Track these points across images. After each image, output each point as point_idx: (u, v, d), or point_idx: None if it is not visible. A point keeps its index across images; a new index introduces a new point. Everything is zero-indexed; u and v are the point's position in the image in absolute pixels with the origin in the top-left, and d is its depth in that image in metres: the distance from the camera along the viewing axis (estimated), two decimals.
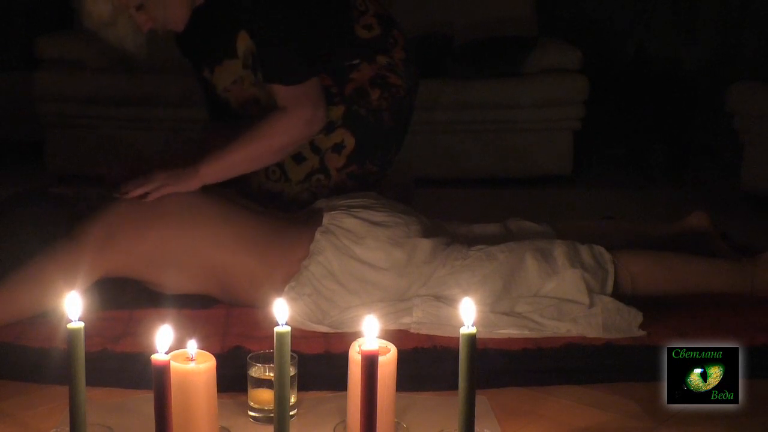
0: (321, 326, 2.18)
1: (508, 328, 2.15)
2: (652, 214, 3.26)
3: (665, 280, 2.28)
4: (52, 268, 2.09)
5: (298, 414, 1.81)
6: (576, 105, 4.12)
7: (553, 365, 2.03)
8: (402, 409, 1.78)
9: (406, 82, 2.57)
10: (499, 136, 4.12)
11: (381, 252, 2.21)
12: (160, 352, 1.46)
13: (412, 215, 2.34)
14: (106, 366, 1.95)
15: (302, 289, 2.19)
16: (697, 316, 2.28)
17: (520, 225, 2.52)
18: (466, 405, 1.53)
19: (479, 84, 4.06)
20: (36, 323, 2.12)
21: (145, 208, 2.20)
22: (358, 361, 1.56)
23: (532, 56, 4.12)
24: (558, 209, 3.56)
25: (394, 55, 2.56)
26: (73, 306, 1.51)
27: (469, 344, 1.52)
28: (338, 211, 2.28)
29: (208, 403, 1.60)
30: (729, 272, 2.31)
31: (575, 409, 1.87)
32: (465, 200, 3.67)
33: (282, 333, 1.49)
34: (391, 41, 2.57)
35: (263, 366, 1.80)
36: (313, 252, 2.21)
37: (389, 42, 2.56)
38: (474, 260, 2.22)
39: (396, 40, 2.58)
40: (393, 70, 2.54)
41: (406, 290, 2.22)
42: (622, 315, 2.16)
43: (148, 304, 2.26)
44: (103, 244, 2.13)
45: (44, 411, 1.82)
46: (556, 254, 2.23)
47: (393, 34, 2.58)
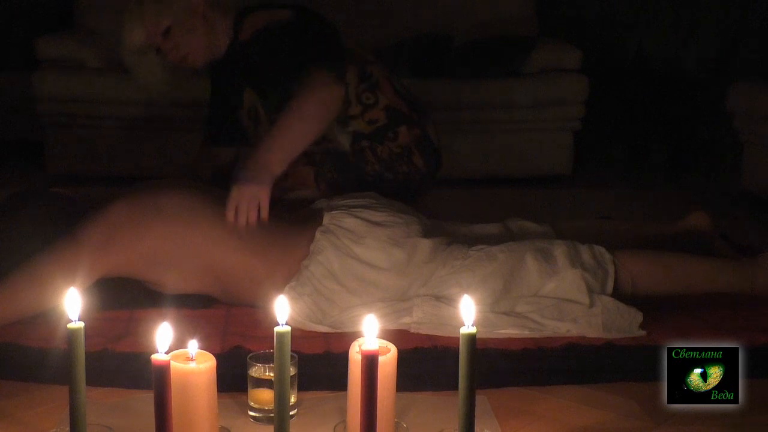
0: (321, 326, 2.18)
1: (508, 328, 2.15)
2: (652, 214, 3.26)
3: (665, 280, 2.28)
4: (53, 267, 2.09)
5: (298, 414, 1.81)
6: (576, 105, 4.12)
7: (553, 365, 2.02)
8: (402, 409, 1.78)
9: (380, 169, 2.58)
10: (499, 136, 4.13)
11: (381, 252, 2.21)
12: (160, 352, 1.46)
13: (412, 215, 2.34)
14: (106, 366, 1.95)
15: (302, 289, 2.19)
16: (697, 316, 2.28)
17: (520, 225, 2.52)
18: (466, 405, 1.53)
19: (479, 84, 4.06)
20: (36, 323, 2.12)
21: (145, 207, 2.20)
22: (358, 361, 1.56)
23: (532, 56, 4.12)
24: (558, 209, 3.56)
25: (385, 146, 2.57)
26: (73, 306, 1.51)
27: (469, 344, 1.52)
28: (338, 210, 2.28)
29: (208, 403, 1.60)
30: (729, 272, 2.31)
31: (575, 409, 1.87)
32: (465, 200, 3.67)
33: (282, 333, 1.49)
34: (391, 135, 2.58)
35: (263, 366, 1.80)
36: (313, 252, 2.22)
37: (388, 135, 2.58)
38: (474, 260, 2.22)
39: (397, 135, 2.58)
40: (373, 150, 2.57)
41: (406, 290, 2.22)
42: (622, 315, 2.16)
43: (148, 304, 2.26)
44: (104, 243, 2.13)
45: (44, 411, 1.81)
46: (557, 254, 2.23)
47: (397, 130, 2.59)
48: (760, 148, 3.65)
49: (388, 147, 2.53)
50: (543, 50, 4.16)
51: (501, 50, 4.13)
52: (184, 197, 2.25)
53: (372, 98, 2.56)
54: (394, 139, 2.54)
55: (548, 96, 4.09)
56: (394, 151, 2.53)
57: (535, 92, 4.07)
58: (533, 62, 4.12)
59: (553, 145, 4.15)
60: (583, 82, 4.09)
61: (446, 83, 4.06)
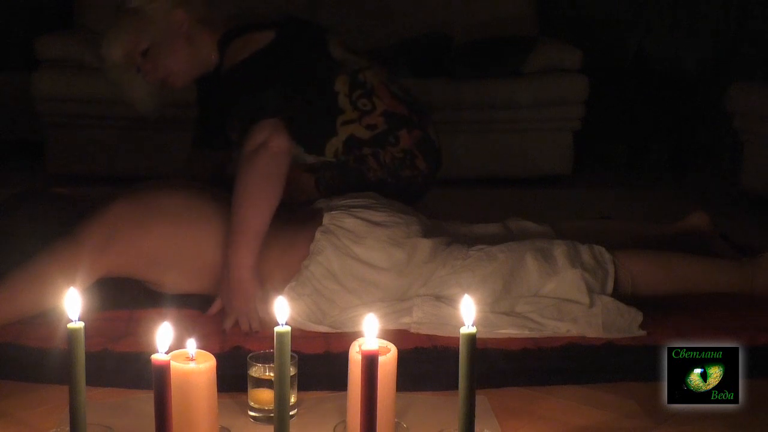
0: (321, 326, 2.18)
1: (508, 328, 2.15)
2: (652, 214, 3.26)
3: (665, 280, 2.28)
4: (53, 267, 2.09)
5: (298, 414, 1.81)
6: (576, 105, 4.12)
7: (553, 365, 2.03)
8: (402, 409, 1.78)
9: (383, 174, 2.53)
10: (499, 136, 4.12)
11: (381, 252, 2.21)
12: (160, 352, 1.46)
13: (412, 215, 2.34)
14: (106, 366, 1.95)
15: (302, 289, 2.19)
16: (697, 316, 2.29)
17: (520, 225, 2.52)
18: (466, 405, 1.53)
19: (479, 84, 4.06)
20: (36, 323, 2.12)
21: (145, 207, 2.20)
22: (358, 361, 1.56)
23: (532, 56, 4.12)
24: (558, 209, 3.56)
25: (387, 151, 2.52)
26: (73, 306, 1.51)
27: (469, 344, 1.52)
28: (338, 211, 2.28)
29: (208, 403, 1.60)
30: (729, 272, 2.31)
31: (575, 408, 1.87)
32: (465, 200, 3.67)
33: (282, 333, 1.49)
34: (392, 140, 2.52)
35: (263, 366, 1.80)
36: (313, 252, 2.22)
37: (389, 140, 2.52)
38: (474, 260, 2.22)
39: (398, 140, 2.53)
40: (376, 157, 2.52)
41: (406, 290, 2.22)
42: (622, 315, 2.16)
43: (148, 304, 2.26)
44: (104, 243, 2.13)
45: (44, 411, 1.81)
46: (557, 254, 2.23)
47: (398, 134, 2.53)
48: (760, 148, 3.65)
49: (390, 152, 2.51)
50: (543, 50, 4.15)
51: (501, 50, 4.13)
52: (184, 197, 2.25)
53: (369, 105, 2.52)
54: (396, 144, 2.52)
55: (548, 96, 4.08)
56: (396, 156, 2.51)
57: (535, 92, 4.07)
58: (533, 62, 4.12)
59: (553, 145, 4.15)
60: (583, 82, 4.08)
61: (446, 83, 4.06)
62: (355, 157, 2.50)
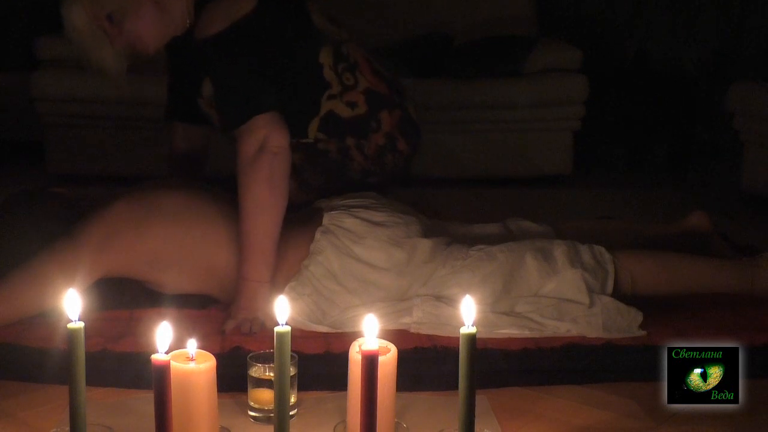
0: (321, 326, 2.18)
1: (508, 328, 2.15)
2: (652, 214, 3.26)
3: (665, 280, 2.28)
4: (53, 267, 2.09)
5: (298, 414, 1.81)
6: (576, 105, 4.12)
7: (553, 365, 2.02)
8: (402, 409, 1.78)
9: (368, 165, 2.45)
10: (498, 136, 4.12)
11: (381, 252, 2.21)
12: (160, 352, 1.46)
13: (412, 215, 2.34)
14: (106, 366, 1.95)
15: (302, 289, 2.19)
16: (697, 316, 2.28)
17: (520, 225, 2.52)
18: (466, 405, 1.53)
19: (479, 84, 4.06)
20: (36, 323, 2.12)
21: (145, 207, 2.20)
22: (358, 361, 1.56)
23: (532, 56, 4.12)
24: (558, 209, 3.56)
25: (371, 140, 2.43)
26: (73, 306, 1.51)
27: (469, 344, 1.52)
28: (338, 211, 2.28)
29: (208, 403, 1.60)
30: (729, 272, 2.31)
31: (575, 408, 1.87)
32: (465, 200, 3.67)
33: (282, 333, 1.49)
34: (374, 125, 2.42)
35: (263, 366, 1.80)
36: (313, 252, 2.21)
37: (371, 125, 2.42)
38: (474, 260, 2.22)
39: (380, 124, 2.42)
40: (360, 149, 2.43)
41: (406, 290, 2.22)
42: (622, 315, 2.16)
43: (148, 304, 2.26)
44: (103, 243, 2.13)
45: (44, 411, 1.81)
46: (556, 254, 2.23)
47: (379, 116, 2.43)
48: (760, 148, 3.65)
49: (374, 142, 2.43)
50: (543, 50, 4.15)
51: (501, 50, 4.13)
52: (184, 197, 2.25)
53: (352, 79, 2.40)
54: (378, 129, 2.43)
55: (548, 96, 4.08)
56: (379, 143, 2.45)
57: (535, 92, 4.07)
58: (533, 62, 4.12)
59: (553, 145, 4.15)
60: (583, 83, 4.08)
61: (446, 83, 4.06)
62: (338, 148, 2.41)
